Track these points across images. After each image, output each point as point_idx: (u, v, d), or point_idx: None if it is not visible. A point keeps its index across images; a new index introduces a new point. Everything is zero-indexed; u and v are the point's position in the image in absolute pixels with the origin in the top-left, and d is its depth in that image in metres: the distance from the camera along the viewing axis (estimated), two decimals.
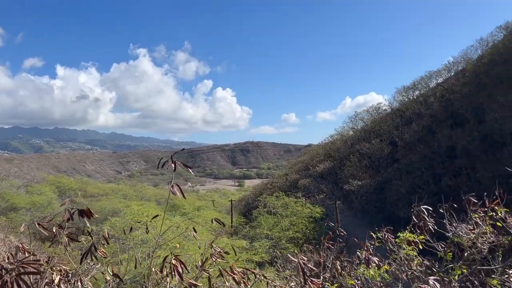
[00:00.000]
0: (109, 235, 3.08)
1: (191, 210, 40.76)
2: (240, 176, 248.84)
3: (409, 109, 48.57)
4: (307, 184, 47.87)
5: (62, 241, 2.74)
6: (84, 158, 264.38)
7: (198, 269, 2.94)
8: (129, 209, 31.40)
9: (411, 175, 36.98)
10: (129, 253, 14.04)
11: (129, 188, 69.02)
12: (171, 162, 2.83)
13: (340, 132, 60.93)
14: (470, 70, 43.72)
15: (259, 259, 22.66)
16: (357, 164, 44.41)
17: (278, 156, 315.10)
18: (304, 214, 32.67)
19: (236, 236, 31.88)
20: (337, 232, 5.15)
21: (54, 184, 53.35)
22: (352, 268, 4.57)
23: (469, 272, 4.29)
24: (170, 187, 2.83)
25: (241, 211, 50.52)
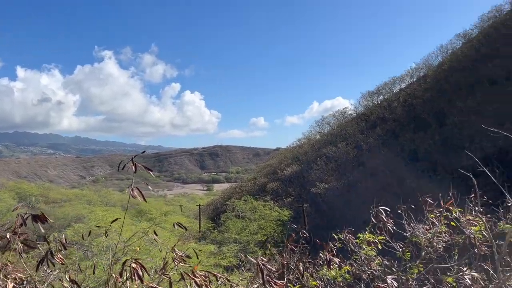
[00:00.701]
0: (67, 242, 3.01)
1: (158, 215, 40.19)
2: (208, 180, 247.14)
3: (373, 113, 49.87)
4: (275, 187, 48.19)
5: (15, 248, 2.65)
6: (46, 163, 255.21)
7: (158, 273, 2.92)
8: (94, 215, 30.62)
9: (376, 178, 37.90)
10: (93, 260, 13.67)
11: (94, 193, 67.17)
12: (132, 165, 2.80)
13: (308, 136, 61.87)
14: (431, 76, 45.44)
15: (227, 263, 22.61)
16: (324, 168, 45.10)
17: (247, 160, 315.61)
18: (272, 218, 32.86)
19: (204, 241, 31.66)
20: (301, 234, 5.23)
21: (14, 190, 51.21)
22: (315, 269, 4.65)
23: (426, 271, 4.45)
24: (131, 190, 2.80)
25: (210, 216, 50.22)
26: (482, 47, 40.28)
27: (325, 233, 8.04)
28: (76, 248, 17.44)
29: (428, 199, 4.70)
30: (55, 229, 34.10)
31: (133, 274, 2.58)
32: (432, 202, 4.69)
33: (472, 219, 4.50)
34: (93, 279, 9.87)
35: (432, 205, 4.72)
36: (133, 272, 2.59)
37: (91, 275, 4.17)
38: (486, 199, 4.85)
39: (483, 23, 45.32)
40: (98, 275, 11.33)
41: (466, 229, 4.52)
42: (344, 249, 5.00)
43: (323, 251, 4.85)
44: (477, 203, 4.61)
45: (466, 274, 4.39)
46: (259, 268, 2.67)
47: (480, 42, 41.74)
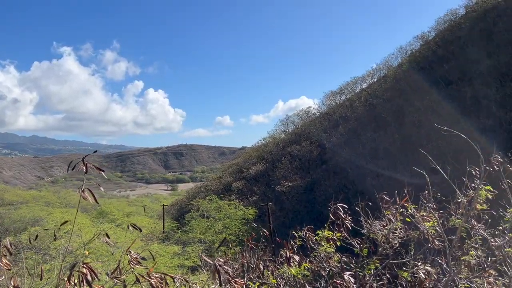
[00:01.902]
0: (20, 246, 2.86)
1: (120, 216, 39.20)
2: (173, 180, 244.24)
3: (336, 112, 50.88)
4: (240, 186, 48.20)
5: None
6: (1, 164, 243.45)
7: (109, 276, 2.83)
8: (52, 217, 29.50)
9: (338, 176, 38.72)
10: (48, 264, 13.14)
11: (52, 194, 64.79)
12: (83, 165, 2.69)
13: (273, 135, 62.26)
14: (391, 76, 46.85)
15: (191, 263, 22.36)
16: (289, 166, 45.59)
17: (212, 159, 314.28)
18: (237, 217, 32.81)
19: (168, 242, 31.19)
20: (261, 232, 5.23)
21: None
22: (276, 268, 4.67)
23: (382, 266, 4.56)
24: (81, 191, 2.69)
25: (174, 216, 49.61)
26: (439, 49, 41.94)
27: (289, 231, 8.10)
28: (34, 252, 16.75)
29: (385, 196, 4.82)
30: (10, 232, 32.61)
31: (82, 279, 2.48)
32: (389, 199, 4.81)
33: (426, 215, 4.65)
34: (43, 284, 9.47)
35: (389, 202, 4.84)
36: (81, 277, 2.49)
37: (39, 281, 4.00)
38: (440, 195, 5.03)
39: (439, 25, 47.15)
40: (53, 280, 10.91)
41: (421, 225, 4.66)
42: (305, 247, 5.05)
43: (283, 249, 4.87)
44: (430, 199, 4.77)
45: (420, 268, 4.52)
46: (215, 269, 2.64)
47: (436, 44, 43.43)
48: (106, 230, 19.46)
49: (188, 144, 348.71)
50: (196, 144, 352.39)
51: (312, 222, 5.79)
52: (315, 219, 31.34)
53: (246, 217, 33.21)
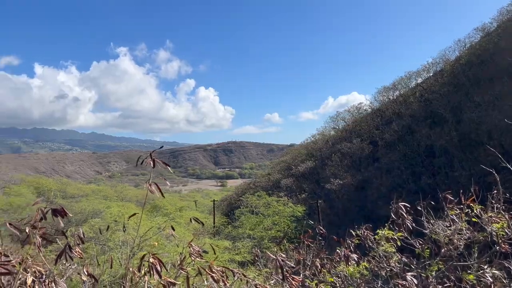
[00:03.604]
0: (85, 236, 3.02)
1: (173, 210, 40.38)
2: (222, 176, 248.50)
3: (389, 109, 49.30)
4: (289, 183, 48.11)
5: (35, 242, 2.67)
6: (63, 159, 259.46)
7: (176, 267, 2.91)
8: (110, 210, 30.95)
9: (391, 174, 37.54)
10: (109, 255, 13.82)
11: (110, 189, 67.97)
12: (150, 160, 2.79)
13: (322, 132, 61.47)
14: (448, 70, 44.63)
15: (241, 259, 22.62)
16: (339, 164, 44.84)
17: (260, 156, 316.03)
18: (286, 213, 32.76)
19: (218, 236, 31.76)
20: (317, 230, 5.18)
21: (33, 185, 52.14)
22: (332, 266, 4.60)
23: (446, 268, 4.36)
24: (148, 185, 2.79)
25: (224, 211, 50.44)
26: (501, 40, 39.38)
27: (339, 229, 7.90)
28: (94, 243, 17.68)
29: (449, 196, 4.60)
30: (72, 223, 34.66)
31: (151, 269, 2.58)
32: (453, 199, 4.59)
33: (495, 216, 4.39)
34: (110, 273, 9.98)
35: (453, 201, 4.61)
36: (151, 267, 2.58)
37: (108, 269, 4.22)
38: (508, 196, 4.73)
39: (502, 16, 44.24)
40: (114, 269, 11.46)
41: (488, 226, 4.41)
42: (360, 246, 4.94)
43: (340, 247, 4.80)
44: (500, 199, 4.49)
45: (487, 272, 4.29)
46: (278, 264, 2.64)
47: (499, 35, 40.80)
48: (160, 223, 20.16)
49: (237, 141, 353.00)
50: (245, 141, 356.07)
51: (363, 221, 5.65)
52: (367, 218, 30.58)
53: (295, 214, 33.09)
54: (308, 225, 4.78)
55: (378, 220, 11.47)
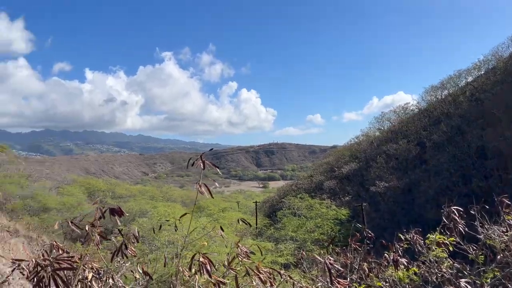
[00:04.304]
0: (139, 234, 3.15)
1: (216, 211, 40.99)
2: (264, 178, 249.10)
3: (437, 109, 47.50)
4: (332, 185, 47.46)
5: (94, 239, 2.82)
6: (112, 160, 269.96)
7: (225, 267, 2.97)
8: (156, 210, 31.87)
9: (440, 177, 36.11)
10: (156, 253, 14.26)
11: (156, 189, 70.12)
12: (200, 162, 2.87)
13: (366, 133, 60.14)
14: (502, 68, 42.37)
15: (284, 260, 22.57)
16: (384, 166, 43.72)
17: (302, 157, 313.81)
18: (329, 216, 32.33)
19: (261, 238, 31.85)
20: (364, 233, 5.09)
21: (84, 185, 54.72)
22: (380, 270, 4.51)
23: (502, 276, 4.16)
24: (198, 186, 2.87)
25: (266, 213, 50.49)
26: None
27: (385, 233, 7.63)
28: (141, 241, 18.27)
29: (505, 200, 4.38)
30: (121, 222, 36.00)
31: (202, 268, 2.65)
32: (510, 203, 4.37)
33: None
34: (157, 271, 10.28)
35: (509, 206, 4.39)
36: (201, 266, 2.65)
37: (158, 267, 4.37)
38: None
39: None
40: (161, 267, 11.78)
41: None
42: (408, 251, 4.81)
43: (387, 251, 4.69)
44: None
45: None
46: (326, 266, 2.63)
47: None
48: (205, 224, 20.52)
49: (278, 143, 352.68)
50: (286, 143, 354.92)
51: (410, 225, 5.48)
52: (414, 221, 29.60)
53: (338, 217, 32.58)
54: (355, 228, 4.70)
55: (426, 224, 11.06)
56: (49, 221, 30.81)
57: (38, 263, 2.51)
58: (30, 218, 28.60)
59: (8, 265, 11.71)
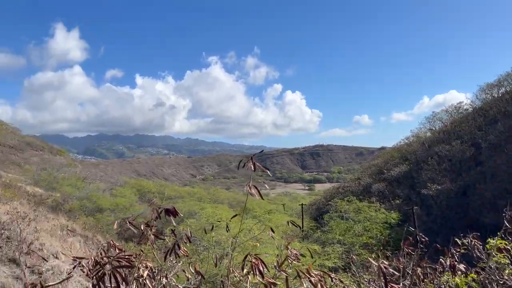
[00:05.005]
0: (191, 235, 3.23)
1: (262, 213, 41.17)
2: (310, 180, 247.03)
3: (493, 108, 45.01)
4: (381, 188, 46.24)
5: (149, 239, 2.92)
6: (161, 163, 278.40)
7: (276, 269, 2.97)
8: (204, 211, 32.48)
9: (497, 179, 34.15)
10: (204, 254, 14.53)
11: (203, 191, 71.60)
12: (251, 164, 2.89)
13: (417, 134, 58.08)
14: None
15: (332, 264, 22.26)
16: (436, 168, 41.99)
17: (349, 159, 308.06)
18: (378, 220, 31.52)
19: (307, 241, 31.60)
20: (418, 237, 4.91)
21: (135, 187, 56.89)
22: (436, 276, 4.32)
23: None
24: (248, 188, 2.89)
25: (312, 216, 50.04)
26: None
27: (438, 238, 7.28)
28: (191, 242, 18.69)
29: None
30: (170, 223, 37.04)
31: (253, 269, 2.67)
32: None
33: None
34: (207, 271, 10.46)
35: None
36: (253, 267, 2.67)
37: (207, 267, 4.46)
38: None
39: None
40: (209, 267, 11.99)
41: None
42: (464, 256, 4.58)
43: (442, 256, 4.49)
44: None
45: None
46: (381, 271, 2.56)
47: None
48: (250, 225, 20.68)
49: (324, 144, 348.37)
50: (332, 144, 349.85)
51: (465, 229, 5.21)
52: (469, 226, 28.14)
53: (388, 220, 31.69)
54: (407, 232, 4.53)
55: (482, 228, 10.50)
56: (103, 221, 32.27)
57: (97, 261, 2.64)
58: (86, 218, 30.08)
59: (67, 262, 12.37)
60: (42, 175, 42.78)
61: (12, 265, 12.13)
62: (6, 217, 16.07)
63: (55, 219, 23.15)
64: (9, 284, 10.86)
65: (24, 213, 18.36)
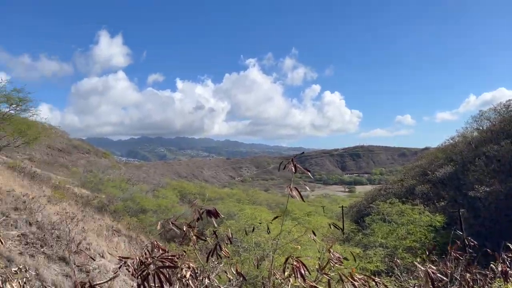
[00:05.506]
0: (232, 236, 3.25)
1: (301, 215, 40.92)
2: (350, 182, 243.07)
3: None
4: (425, 190, 44.78)
5: (191, 239, 2.97)
6: (201, 165, 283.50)
7: (319, 272, 2.93)
8: (243, 213, 32.68)
9: None
10: (244, 255, 14.62)
11: (242, 192, 72.08)
12: (291, 165, 2.88)
13: (463, 134, 55.72)
14: None
15: (373, 267, 21.78)
16: (484, 169, 40.12)
17: (391, 160, 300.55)
18: (422, 223, 30.53)
19: (348, 243, 31.11)
20: (466, 241, 4.70)
21: (176, 188, 58.17)
22: (486, 282, 4.12)
23: None
24: (289, 190, 2.88)
25: (353, 218, 49.20)
26: None
27: (487, 242, 6.93)
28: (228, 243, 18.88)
29: None
30: (210, 224, 37.56)
31: (295, 271, 2.65)
32: None
33: None
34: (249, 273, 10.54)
35: None
36: (294, 270, 2.65)
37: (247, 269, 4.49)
38: None
39: None
40: (249, 269, 12.06)
41: None
42: None
43: (494, 262, 4.28)
44: None
45: None
46: (428, 276, 2.47)
47: None
48: (290, 227, 20.59)
49: (365, 145, 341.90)
50: (373, 145, 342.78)
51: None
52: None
53: (432, 223, 30.64)
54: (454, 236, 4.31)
55: None
56: (146, 222, 33.17)
57: (142, 261, 2.70)
58: (129, 219, 31.02)
59: (113, 261, 12.81)
60: (88, 177, 44.63)
61: (62, 263, 12.73)
62: (56, 217, 16.89)
63: (101, 220, 24.08)
64: (59, 281, 11.39)
65: (72, 213, 19.23)
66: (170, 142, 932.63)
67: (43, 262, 12.02)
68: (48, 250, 12.95)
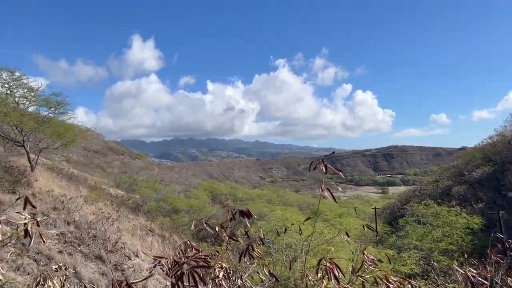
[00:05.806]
0: (264, 237, 3.25)
1: (332, 216, 40.45)
2: (383, 183, 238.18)
3: None
4: (462, 191, 43.32)
5: (224, 240, 2.99)
6: (232, 165, 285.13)
7: (353, 275, 2.89)
8: (274, 214, 32.64)
9: None
10: (276, 256, 14.59)
11: (272, 193, 72.01)
12: (322, 166, 2.85)
13: (502, 133, 53.50)
14: None
15: (408, 270, 21.22)
16: None
17: (426, 160, 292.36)
18: (459, 225, 29.50)
19: (381, 245, 30.51)
20: (507, 244, 4.51)
21: (208, 189, 58.79)
22: None
23: None
24: (321, 191, 2.85)
25: (386, 220, 48.17)
26: None
27: None
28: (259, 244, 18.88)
29: None
30: (241, 224, 37.75)
31: (328, 273, 2.62)
32: None
33: None
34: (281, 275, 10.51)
35: None
36: (328, 271, 2.62)
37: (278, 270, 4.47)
38: None
39: None
40: (281, 270, 12.02)
41: None
42: None
43: None
44: None
45: None
46: (468, 279, 2.38)
47: None
48: (321, 228, 20.40)
49: (398, 145, 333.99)
50: (407, 145, 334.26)
51: None
52: None
53: (470, 226, 29.57)
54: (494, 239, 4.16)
55: None
56: (179, 222, 33.69)
57: (176, 260, 2.74)
58: (162, 219, 31.59)
59: (147, 260, 13.12)
60: (123, 178, 45.78)
61: (98, 261, 13.12)
62: (92, 217, 17.43)
63: (135, 219, 24.65)
64: (95, 279, 11.75)
65: (108, 213, 19.79)
66: (201, 143, 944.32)
67: (80, 260, 12.44)
68: (85, 248, 13.39)
